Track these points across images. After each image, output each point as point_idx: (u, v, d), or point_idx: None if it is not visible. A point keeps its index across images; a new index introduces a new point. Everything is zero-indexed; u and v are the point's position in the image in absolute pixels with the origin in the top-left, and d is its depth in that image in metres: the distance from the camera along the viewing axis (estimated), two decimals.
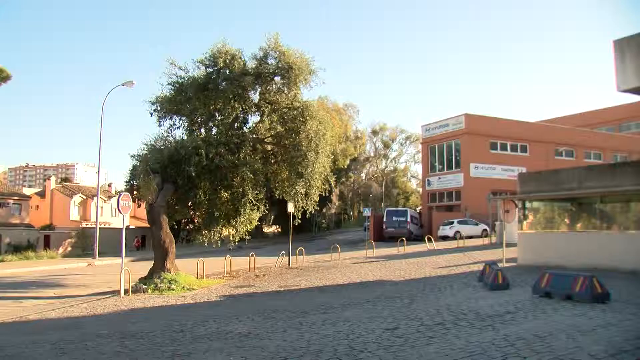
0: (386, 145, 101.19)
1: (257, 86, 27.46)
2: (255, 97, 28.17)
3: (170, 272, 23.47)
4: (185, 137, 27.08)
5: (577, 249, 22.25)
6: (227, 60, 26.55)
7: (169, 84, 27.02)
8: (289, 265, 31.43)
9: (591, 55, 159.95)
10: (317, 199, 29.45)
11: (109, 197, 74.27)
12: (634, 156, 58.25)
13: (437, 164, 59.07)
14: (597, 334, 9.51)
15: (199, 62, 26.97)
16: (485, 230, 46.54)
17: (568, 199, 23.98)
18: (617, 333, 9.50)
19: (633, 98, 12.02)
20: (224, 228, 28.06)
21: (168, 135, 27.47)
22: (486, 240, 41.08)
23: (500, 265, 20.56)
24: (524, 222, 25.75)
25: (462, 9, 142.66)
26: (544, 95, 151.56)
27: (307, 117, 26.70)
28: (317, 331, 11.49)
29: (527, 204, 25.85)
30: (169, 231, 24.93)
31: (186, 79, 26.82)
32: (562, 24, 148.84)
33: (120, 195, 22.19)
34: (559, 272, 15.63)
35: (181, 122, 27.92)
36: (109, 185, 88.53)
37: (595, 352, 8.22)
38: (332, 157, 37.02)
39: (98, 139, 40.79)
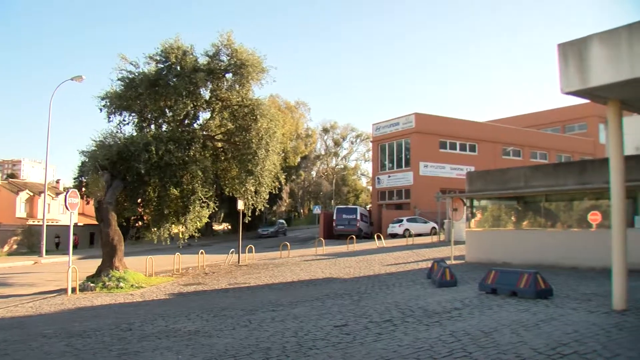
0: (337, 144, 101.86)
1: (209, 83, 27.36)
2: (206, 93, 28.08)
3: (118, 270, 23.18)
4: (135, 134, 26.73)
5: (523, 246, 22.77)
6: (179, 56, 26.39)
7: (119, 79, 26.68)
8: (238, 263, 31.32)
9: (540, 57, 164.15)
10: (267, 197, 29.59)
11: (57, 194, 72.65)
12: (577, 156, 59.86)
13: (387, 162, 59.56)
14: (539, 328, 9.75)
15: (150, 57, 26.70)
16: (434, 228, 47.18)
17: (515, 197, 24.52)
18: (558, 327, 9.77)
19: (577, 100, 12.38)
20: (173, 225, 27.82)
21: (117, 132, 27.08)
22: (435, 238, 41.65)
23: (448, 262, 20.88)
24: (472, 220, 26.19)
25: (413, 7, 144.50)
26: (493, 95, 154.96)
27: (258, 115, 26.74)
28: (266, 328, 11.50)
29: (475, 203, 26.32)
30: (118, 229, 24.60)
31: (137, 74, 26.52)
32: (510, 27, 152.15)
33: (68, 192, 21.82)
34: (505, 269, 15.97)
35: (131, 118, 27.60)
36: (57, 181, 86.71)
37: (537, 346, 8.45)
38: (283, 154, 37.12)
39: (46, 134, 39.66)
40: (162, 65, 26.67)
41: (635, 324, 9.88)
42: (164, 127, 27.64)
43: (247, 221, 31.29)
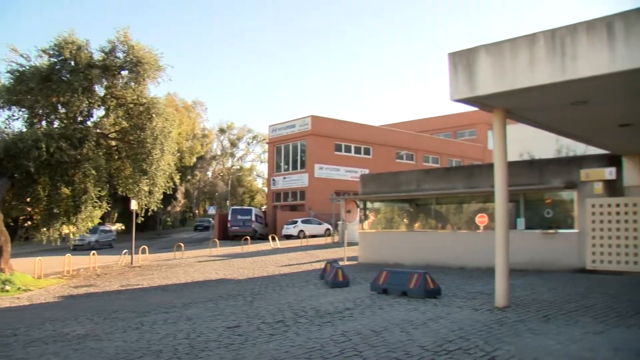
0: (233, 144, 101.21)
1: (104, 80, 26.57)
2: (101, 90, 27.25)
3: (4, 273, 22.18)
4: (24, 130, 25.43)
5: (414, 247, 23.46)
6: (74, 51, 25.49)
7: (8, 71, 25.34)
8: (131, 264, 30.54)
9: (437, 63, 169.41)
10: (161, 197, 29.11)
11: None
12: (467, 161, 62.31)
13: (282, 163, 59.75)
14: (427, 327, 10.11)
15: (43, 50, 25.57)
16: (328, 229, 47.81)
17: (407, 200, 25.23)
18: (444, 325, 10.16)
19: (468, 107, 12.90)
20: (64, 225, 26.87)
21: (6, 127, 25.95)
22: (329, 239, 42.23)
23: (341, 263, 21.20)
24: (365, 222, 26.72)
25: (309, 9, 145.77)
26: (388, 100, 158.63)
27: (154, 114, 26.32)
28: (158, 331, 11.30)
29: (368, 205, 26.86)
30: (4, 229, 23.56)
31: (28, 67, 25.28)
32: (403, 33, 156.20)
33: None
34: (395, 269, 16.43)
35: (21, 113, 26.19)
36: None
37: (425, 343, 8.76)
38: (178, 154, 36.63)
39: None
40: (56, 60, 25.63)
41: (515, 320, 10.43)
42: (56, 124, 26.52)
43: (140, 221, 30.63)
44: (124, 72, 27.03)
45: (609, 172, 18.57)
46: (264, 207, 70.39)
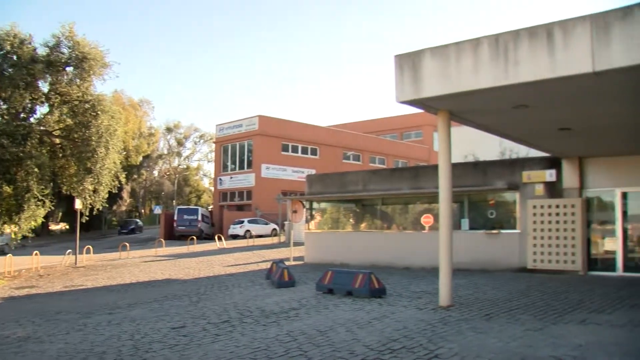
0: (180, 143, 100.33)
1: (48, 75, 26.02)
2: (45, 86, 26.67)
3: None
4: None
5: (361, 247, 23.63)
6: (16, 45, 24.85)
7: None
8: (75, 264, 29.87)
9: (386, 64, 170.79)
10: (107, 196, 28.67)
11: None
12: (413, 162, 63.10)
13: (229, 163, 59.44)
14: (372, 326, 10.20)
15: None
16: (275, 229, 47.81)
17: (353, 200, 25.36)
18: (389, 324, 10.28)
19: (414, 109, 13.07)
20: (5, 225, 26.20)
21: None
22: (275, 239, 42.23)
23: (287, 263, 21.25)
24: (311, 222, 26.79)
25: (261, 8, 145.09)
26: (336, 101, 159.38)
27: (99, 112, 25.90)
28: (102, 332, 11.12)
29: (315, 205, 26.93)
30: None
31: None
32: (351, 35, 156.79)
33: None
34: (341, 269, 16.55)
35: None
36: None
37: (370, 343, 8.84)
38: (124, 153, 36.07)
39: None
40: None
41: (458, 318, 10.62)
42: None
43: (84, 221, 30.05)
44: (69, 69, 26.52)
45: (550, 174, 19.14)
46: (211, 206, 69.88)
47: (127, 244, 35.79)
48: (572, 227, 18.13)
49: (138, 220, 72.06)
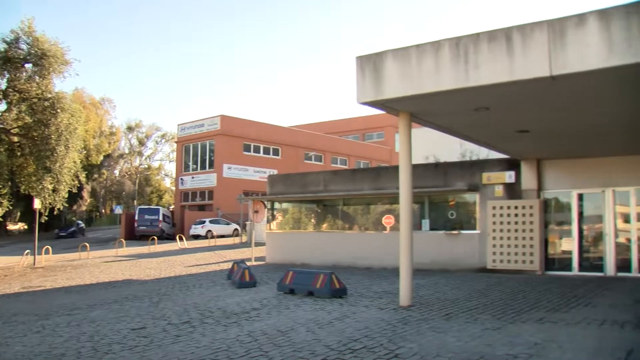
0: (141, 143, 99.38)
1: (6, 72, 25.57)
2: (2, 83, 26.18)
3: None
4: None
5: (322, 247, 23.70)
6: None
7: None
8: (34, 265, 29.34)
9: (347, 65, 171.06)
10: (67, 195, 28.32)
11: None
12: (374, 163, 63.48)
13: (191, 163, 59.06)
14: (333, 326, 10.24)
15: None
16: (236, 229, 47.71)
17: (315, 200, 25.44)
18: (350, 324, 10.33)
19: (376, 110, 13.16)
20: None
21: None
22: (237, 240, 42.16)
23: (249, 263, 21.19)
24: (273, 222, 26.77)
25: (225, 7, 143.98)
26: (298, 101, 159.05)
27: (59, 110, 25.53)
28: (61, 334, 10.93)
29: (276, 205, 26.91)
30: None
31: None
32: (314, 36, 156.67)
33: None
34: (302, 270, 16.58)
35: None
36: None
37: (331, 343, 8.88)
38: (85, 152, 35.65)
39: None
40: None
41: (418, 318, 10.72)
42: None
43: (44, 221, 29.65)
44: (28, 65, 26.09)
45: (509, 176, 19.49)
46: (172, 206, 69.35)
47: (87, 245, 35.30)
48: (531, 227, 18.47)
49: (80, 222, 70.49)
